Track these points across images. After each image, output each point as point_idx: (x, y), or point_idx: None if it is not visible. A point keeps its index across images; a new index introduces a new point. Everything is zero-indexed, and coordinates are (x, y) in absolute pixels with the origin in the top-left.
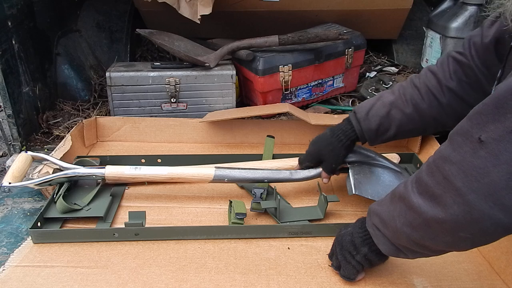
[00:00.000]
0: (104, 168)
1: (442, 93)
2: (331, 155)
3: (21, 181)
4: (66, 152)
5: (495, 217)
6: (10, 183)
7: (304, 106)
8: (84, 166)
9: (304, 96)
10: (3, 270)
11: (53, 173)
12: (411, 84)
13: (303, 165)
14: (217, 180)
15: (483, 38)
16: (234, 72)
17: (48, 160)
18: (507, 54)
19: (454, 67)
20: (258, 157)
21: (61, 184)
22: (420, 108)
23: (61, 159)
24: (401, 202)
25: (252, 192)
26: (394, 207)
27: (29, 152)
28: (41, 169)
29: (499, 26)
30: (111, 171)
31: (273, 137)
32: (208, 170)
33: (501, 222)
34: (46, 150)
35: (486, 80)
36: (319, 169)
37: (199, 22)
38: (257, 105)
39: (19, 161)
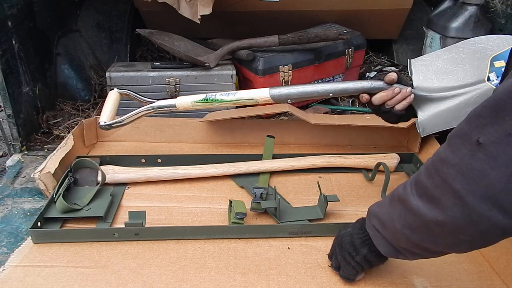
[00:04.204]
0: (176, 99)
1: None
2: None
3: (114, 119)
4: (67, 152)
5: (494, 219)
6: (105, 122)
7: (304, 106)
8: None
9: None
10: (3, 270)
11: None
12: None
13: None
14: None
15: None
16: (234, 72)
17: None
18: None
19: None
20: (258, 157)
21: (61, 184)
22: None
23: (63, 159)
24: (400, 204)
25: (252, 192)
26: (394, 209)
27: (116, 90)
28: (42, 169)
29: None
30: (181, 102)
31: (273, 137)
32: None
33: (500, 223)
34: (46, 150)
35: None
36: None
37: (199, 22)
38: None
39: (109, 101)
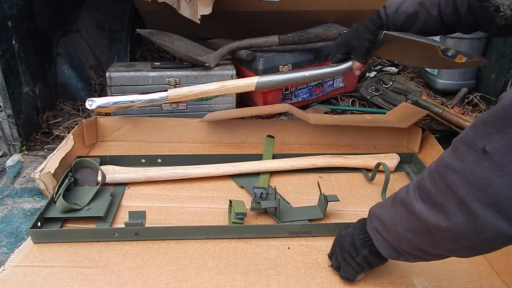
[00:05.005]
0: (166, 92)
1: (461, 4)
2: (358, 40)
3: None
4: (67, 152)
5: (498, 227)
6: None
7: (304, 106)
8: None
9: (304, 96)
10: (3, 270)
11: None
12: None
13: (333, 59)
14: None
15: None
16: (234, 72)
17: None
18: None
19: None
20: (258, 157)
21: (61, 184)
22: (443, 13)
23: (63, 159)
24: (402, 207)
25: (252, 192)
26: (396, 212)
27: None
28: (42, 169)
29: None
30: (173, 94)
31: (273, 137)
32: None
33: (505, 232)
34: (46, 150)
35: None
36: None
37: (199, 22)
38: (257, 105)
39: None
